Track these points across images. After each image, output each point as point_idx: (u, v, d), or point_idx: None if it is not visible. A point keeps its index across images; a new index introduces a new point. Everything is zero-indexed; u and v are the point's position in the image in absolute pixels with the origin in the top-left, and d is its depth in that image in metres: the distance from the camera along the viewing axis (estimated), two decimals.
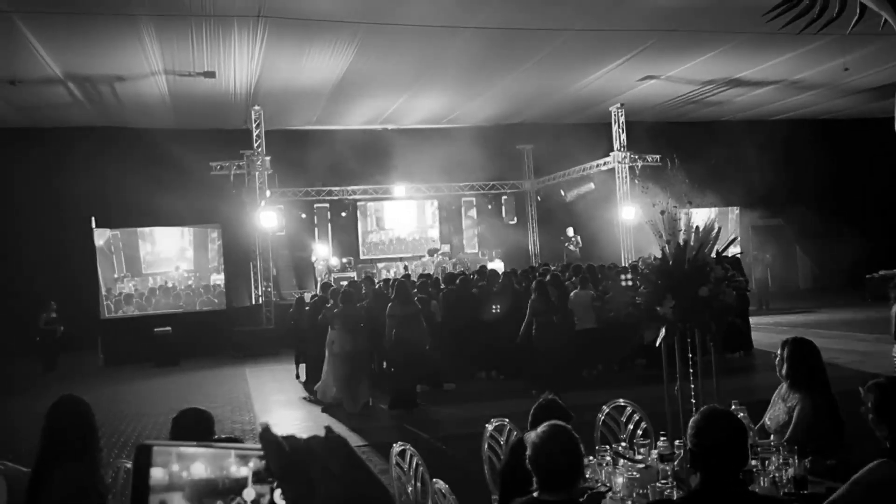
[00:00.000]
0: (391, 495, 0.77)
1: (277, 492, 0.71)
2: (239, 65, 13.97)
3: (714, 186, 16.67)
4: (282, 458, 0.71)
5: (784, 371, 3.99)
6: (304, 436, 0.74)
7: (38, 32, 11.80)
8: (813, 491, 3.28)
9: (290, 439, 0.73)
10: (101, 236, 16.35)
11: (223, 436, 3.42)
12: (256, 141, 16.65)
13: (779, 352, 4.07)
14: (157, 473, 0.70)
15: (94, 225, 16.17)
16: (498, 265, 17.73)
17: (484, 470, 4.63)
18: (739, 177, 19.23)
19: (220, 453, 0.71)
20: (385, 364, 11.53)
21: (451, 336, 11.22)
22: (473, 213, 21.96)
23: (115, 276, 16.64)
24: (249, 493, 0.70)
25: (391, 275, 17.16)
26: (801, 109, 21.14)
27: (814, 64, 16.12)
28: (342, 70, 14.45)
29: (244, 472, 0.71)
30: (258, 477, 0.71)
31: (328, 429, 0.76)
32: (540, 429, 2.77)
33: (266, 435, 0.72)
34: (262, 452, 0.71)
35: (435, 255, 19.13)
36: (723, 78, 17.09)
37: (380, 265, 19.54)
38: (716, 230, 3.99)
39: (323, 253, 19.04)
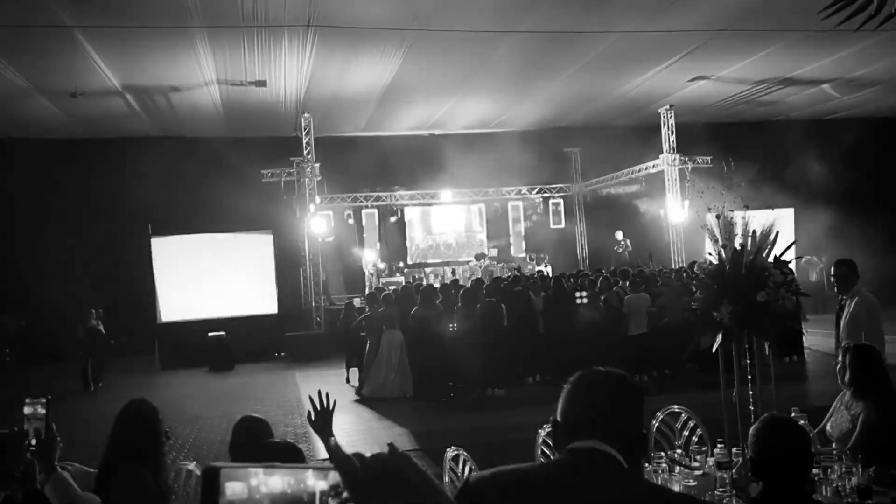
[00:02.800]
0: None
1: None
2: (289, 73, 14.22)
3: (767, 188, 16.31)
4: (352, 474, 0.73)
5: (847, 378, 3.90)
6: (369, 453, 0.77)
7: (97, 46, 12.19)
8: (878, 501, 3.19)
9: (359, 456, 0.75)
10: (157, 243, 16.81)
11: (278, 439, 3.49)
12: (306, 148, 16.91)
13: (840, 358, 3.98)
14: (236, 487, 0.72)
15: (150, 232, 16.63)
16: (546, 269, 17.66)
17: None
18: (793, 178, 18.79)
19: (297, 471, 0.73)
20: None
21: (496, 342, 11.23)
22: (521, 217, 21.91)
23: (172, 281, 17.06)
24: None
25: (438, 280, 17.25)
26: (858, 108, 20.54)
27: (871, 61, 15.67)
28: (390, 76, 14.58)
29: (321, 486, 0.73)
30: (334, 491, 0.73)
31: (391, 446, 0.79)
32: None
33: (336, 452, 0.75)
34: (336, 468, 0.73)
35: (482, 259, 19.16)
36: (775, 77, 16.72)
37: (427, 270, 19.62)
38: (774, 234, 3.92)
39: (371, 258, 19.22)
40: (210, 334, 15.68)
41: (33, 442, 2.31)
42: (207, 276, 17.27)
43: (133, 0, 10.57)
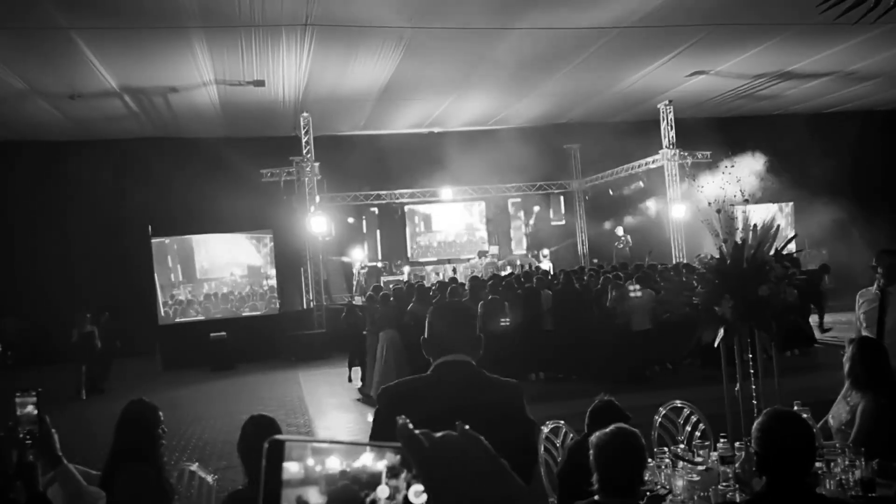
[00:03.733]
0: (527, 491, 0.78)
1: (412, 488, 0.71)
2: (287, 73, 14.20)
3: (768, 182, 16.30)
4: (422, 451, 0.72)
5: (847, 369, 3.90)
6: (439, 434, 0.75)
7: (94, 48, 12.18)
8: (882, 493, 3.19)
9: (427, 435, 0.74)
10: (157, 244, 16.82)
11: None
12: (305, 147, 16.90)
13: (846, 350, 3.98)
14: (292, 468, 0.70)
15: (150, 233, 16.63)
16: (547, 266, 17.66)
17: (541, 472, 4.62)
18: (793, 172, 18.76)
19: (355, 448, 0.71)
20: None
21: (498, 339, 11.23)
22: (521, 213, 21.90)
23: (172, 283, 17.08)
24: (384, 489, 0.71)
25: (440, 277, 17.25)
26: (858, 101, 20.52)
27: (870, 53, 15.64)
28: (388, 74, 14.56)
29: (379, 466, 0.72)
30: (392, 472, 0.71)
31: (461, 424, 0.77)
32: (604, 431, 2.76)
33: (404, 430, 0.73)
34: (397, 446, 0.71)
35: (483, 256, 19.16)
36: (774, 71, 16.70)
37: (428, 268, 19.62)
38: (775, 228, 3.91)
39: (359, 256, 19.16)
40: (212, 335, 15.68)
41: (29, 442, 2.28)
42: (207, 277, 17.29)
43: (129, 1, 10.55)
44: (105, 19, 11.03)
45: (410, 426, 0.73)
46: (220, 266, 17.41)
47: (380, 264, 19.31)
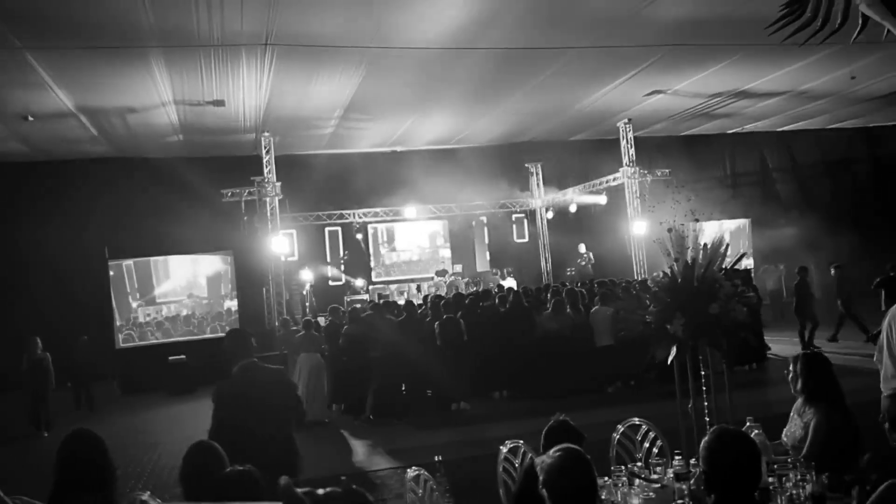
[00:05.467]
0: None
1: None
2: (248, 92, 14.11)
3: (725, 199, 16.63)
4: None
5: (798, 386, 3.96)
6: (322, 490, 0.74)
7: (49, 68, 11.97)
8: None
9: (311, 495, 0.73)
10: (114, 266, 16.49)
11: (238, 468, 3.40)
12: (267, 167, 16.77)
13: (791, 367, 4.04)
14: None
15: (107, 255, 16.31)
16: (511, 283, 17.72)
17: (499, 493, 4.60)
18: (752, 188, 19.16)
19: None
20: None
21: (457, 355, 11.22)
22: (484, 232, 21.98)
23: (130, 305, 16.76)
24: None
25: (404, 296, 17.20)
26: (811, 119, 21.07)
27: (821, 73, 16.09)
28: (350, 94, 14.56)
29: None
30: None
31: (346, 481, 0.77)
32: (551, 452, 2.76)
33: (287, 490, 0.72)
34: None
35: (445, 275, 19.18)
36: (730, 90, 17.07)
37: (392, 287, 19.56)
38: (724, 245, 3.98)
39: (308, 277, 19.04)
40: (170, 358, 15.40)
41: None
42: (166, 299, 17.01)
43: (85, 21, 10.38)
44: (61, 39, 10.86)
45: (293, 487, 0.72)
46: (180, 288, 17.14)
47: (339, 283, 19.26)
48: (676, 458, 3.78)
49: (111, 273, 16.49)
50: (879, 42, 5.56)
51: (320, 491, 0.75)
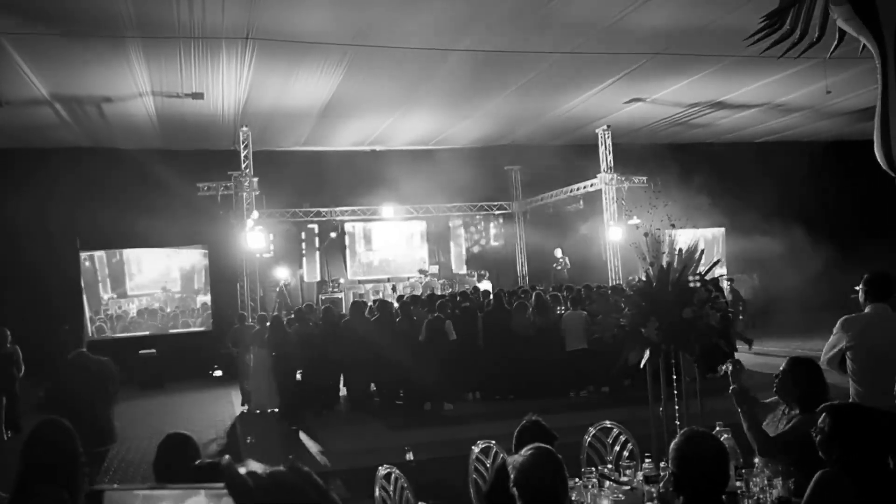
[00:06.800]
0: None
1: None
2: (227, 86, 13.98)
3: (701, 207, 16.79)
4: (247, 495, 0.70)
5: (780, 390, 3.99)
6: (266, 470, 0.73)
7: (25, 54, 11.78)
8: None
9: (253, 475, 0.72)
10: (86, 258, 16.26)
11: (207, 461, 3.39)
12: (244, 162, 16.62)
13: (780, 370, 4.07)
14: None
15: (78, 246, 16.07)
16: (486, 286, 17.76)
17: (470, 493, 4.60)
18: (727, 197, 19.37)
19: (189, 493, 0.69)
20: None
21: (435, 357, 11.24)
22: (461, 233, 22.00)
23: (101, 298, 16.54)
24: None
25: (379, 295, 17.17)
26: (786, 132, 21.37)
27: (797, 87, 16.32)
28: (330, 91, 14.50)
29: None
30: None
31: (292, 460, 0.76)
32: (523, 451, 2.77)
33: (228, 471, 0.70)
34: (221, 488, 0.69)
35: (424, 275, 19.18)
36: (708, 101, 17.26)
37: (368, 286, 19.50)
38: (699, 252, 4.01)
39: (283, 274, 18.95)
40: (140, 352, 15.22)
41: None
42: (138, 293, 16.82)
43: (63, 8, 10.24)
44: (37, 25, 10.68)
45: (234, 466, 0.71)
46: (152, 281, 16.96)
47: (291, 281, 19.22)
48: (646, 461, 3.81)
49: (84, 264, 16.26)
50: (855, 57, 5.67)
51: (264, 472, 0.73)
